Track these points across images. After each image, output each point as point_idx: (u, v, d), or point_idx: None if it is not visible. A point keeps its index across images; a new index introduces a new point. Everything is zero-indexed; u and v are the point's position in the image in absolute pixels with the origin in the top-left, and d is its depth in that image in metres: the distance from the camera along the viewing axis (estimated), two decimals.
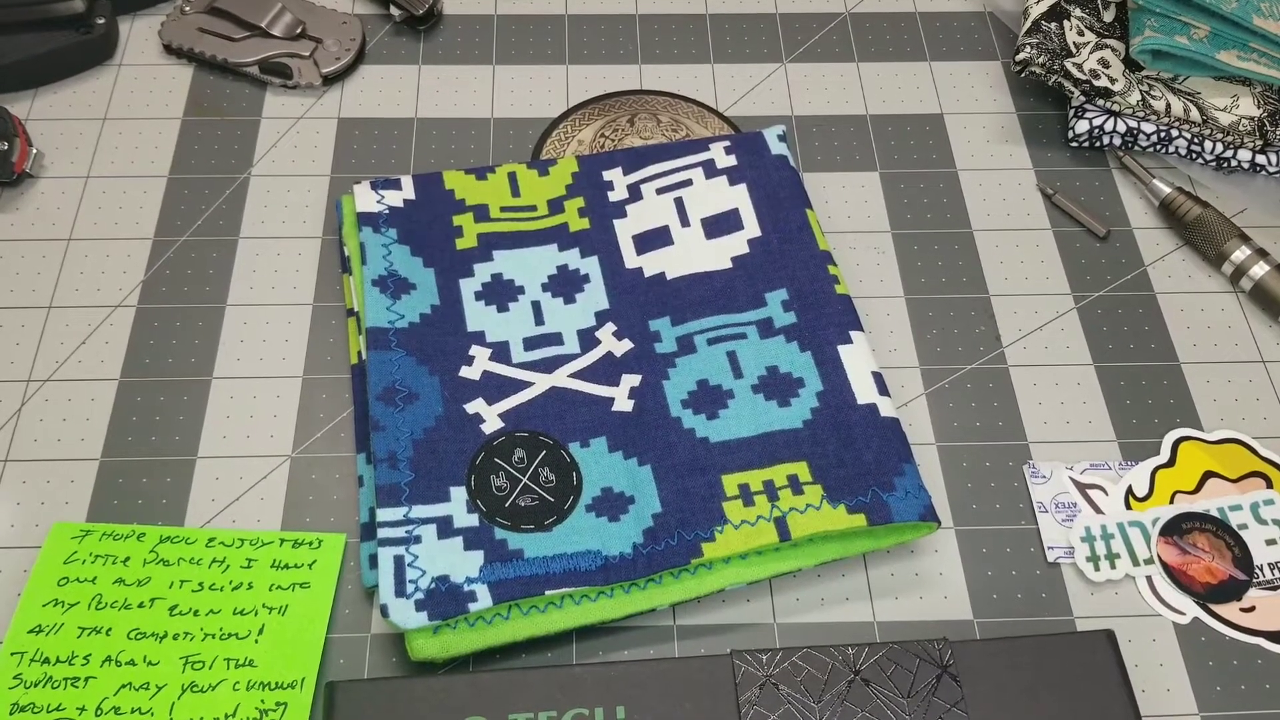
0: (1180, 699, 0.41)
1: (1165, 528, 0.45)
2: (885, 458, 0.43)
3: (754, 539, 0.42)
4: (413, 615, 0.39)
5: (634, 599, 0.41)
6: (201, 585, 0.42)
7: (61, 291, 0.50)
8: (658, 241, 0.50)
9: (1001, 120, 0.58)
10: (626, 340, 0.47)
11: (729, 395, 0.46)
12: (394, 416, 0.44)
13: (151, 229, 0.52)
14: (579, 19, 0.61)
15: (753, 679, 0.38)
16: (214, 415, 0.47)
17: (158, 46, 0.59)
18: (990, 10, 0.62)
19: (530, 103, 0.58)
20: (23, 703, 0.39)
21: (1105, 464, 0.46)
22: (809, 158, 0.56)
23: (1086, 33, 0.56)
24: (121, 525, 0.44)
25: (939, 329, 0.51)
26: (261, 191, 0.54)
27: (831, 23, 0.62)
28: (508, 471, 0.44)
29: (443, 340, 0.47)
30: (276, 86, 0.58)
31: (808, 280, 0.48)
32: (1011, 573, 0.44)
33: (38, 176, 0.54)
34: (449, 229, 0.50)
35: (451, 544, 0.41)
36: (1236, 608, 0.43)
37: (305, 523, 0.44)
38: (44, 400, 0.47)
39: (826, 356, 0.46)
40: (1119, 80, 0.54)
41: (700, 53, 0.60)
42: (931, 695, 0.38)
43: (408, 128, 0.56)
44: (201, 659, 0.41)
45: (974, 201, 0.55)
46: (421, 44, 0.60)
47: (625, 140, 0.56)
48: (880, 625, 0.43)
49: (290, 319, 0.50)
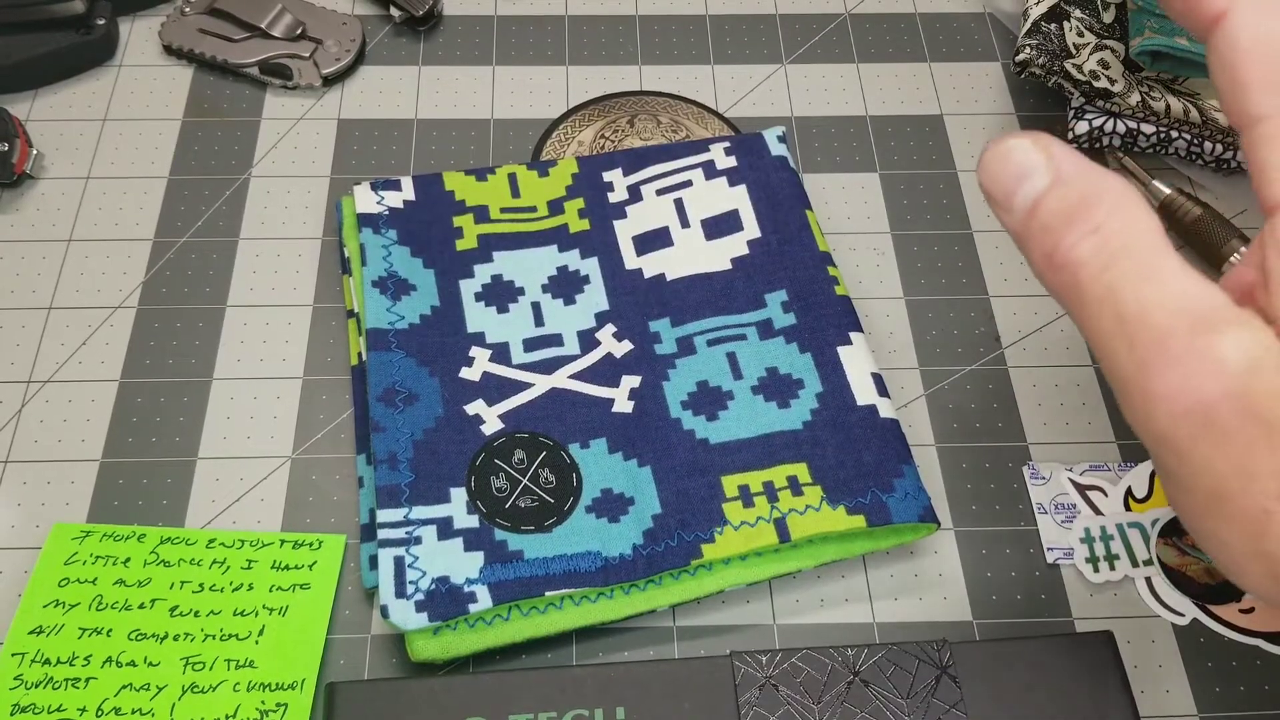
0: (1179, 700, 0.41)
1: (1165, 529, 0.45)
2: (885, 459, 0.44)
3: (754, 540, 0.42)
4: (413, 616, 0.39)
5: (634, 600, 0.41)
6: (202, 586, 0.42)
7: (61, 292, 0.50)
8: (658, 243, 0.50)
9: (1001, 121, 0.58)
10: (626, 341, 0.47)
11: (729, 396, 0.46)
12: (394, 417, 0.44)
13: (151, 230, 0.52)
14: (579, 20, 0.61)
15: (752, 680, 0.38)
16: (214, 416, 0.47)
17: (158, 47, 0.59)
18: (990, 11, 0.62)
19: (530, 104, 0.58)
20: (23, 703, 0.39)
21: (1105, 465, 0.46)
22: (809, 158, 0.56)
23: (1086, 34, 0.56)
24: (122, 526, 0.44)
25: (939, 330, 0.51)
26: (261, 192, 0.54)
27: (831, 24, 0.62)
28: (508, 473, 0.44)
29: (443, 341, 0.47)
30: (276, 87, 0.58)
31: (807, 281, 0.48)
32: (1011, 574, 0.44)
33: (38, 177, 0.54)
34: (449, 230, 0.50)
35: (451, 545, 0.41)
36: (1235, 609, 0.43)
37: (305, 524, 0.45)
38: (44, 401, 0.47)
39: (826, 358, 0.46)
40: (1119, 81, 0.55)
41: (700, 54, 0.60)
42: (931, 696, 0.38)
43: (408, 128, 0.56)
44: (202, 660, 0.41)
45: (974, 202, 0.55)
46: (421, 45, 0.60)
47: (625, 141, 0.56)
48: (880, 626, 0.43)
49: (290, 320, 0.50)
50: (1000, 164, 0.29)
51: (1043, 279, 0.28)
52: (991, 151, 0.29)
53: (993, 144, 0.29)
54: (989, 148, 0.29)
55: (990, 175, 0.29)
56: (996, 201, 0.29)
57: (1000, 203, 0.29)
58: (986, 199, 0.29)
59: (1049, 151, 0.28)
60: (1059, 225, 0.27)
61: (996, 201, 0.29)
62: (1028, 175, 0.28)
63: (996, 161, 0.29)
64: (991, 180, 0.29)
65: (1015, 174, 0.28)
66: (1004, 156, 0.28)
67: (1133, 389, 0.26)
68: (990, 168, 0.29)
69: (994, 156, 0.29)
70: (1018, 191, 0.28)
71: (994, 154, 0.29)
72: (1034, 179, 0.28)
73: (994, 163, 0.29)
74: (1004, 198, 0.29)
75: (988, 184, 0.29)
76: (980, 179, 0.29)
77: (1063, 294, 0.28)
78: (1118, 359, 0.26)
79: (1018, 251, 0.53)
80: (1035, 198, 0.28)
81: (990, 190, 0.29)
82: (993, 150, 0.29)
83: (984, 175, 0.29)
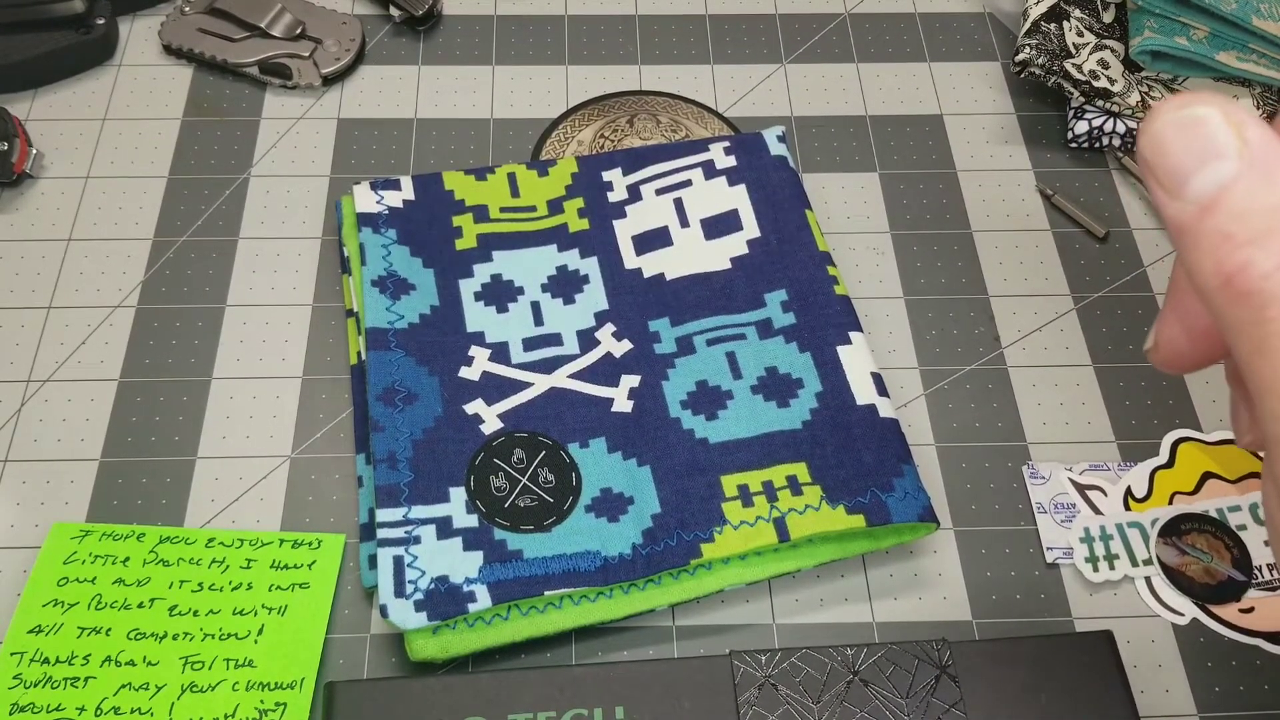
0: (1179, 700, 0.41)
1: (1164, 529, 0.45)
2: (884, 458, 0.43)
3: (753, 540, 0.42)
4: (412, 615, 0.39)
5: (633, 599, 0.41)
6: (201, 585, 0.42)
7: (61, 292, 0.50)
8: (657, 242, 0.50)
9: (1001, 121, 0.58)
10: (626, 341, 0.47)
11: (728, 396, 0.46)
12: (393, 417, 0.44)
13: (151, 229, 0.52)
14: (579, 19, 0.61)
15: (751, 679, 0.38)
16: (214, 416, 0.47)
17: (158, 47, 0.59)
18: (990, 11, 0.62)
19: (530, 103, 0.58)
20: (22, 703, 0.39)
21: (1104, 465, 0.46)
22: (808, 158, 0.56)
23: (1086, 33, 0.56)
24: (121, 525, 0.44)
25: (938, 330, 0.51)
26: (261, 192, 0.54)
27: (831, 23, 0.62)
28: (507, 472, 0.44)
29: (442, 341, 0.47)
30: (276, 87, 0.58)
31: (807, 281, 0.48)
32: (1010, 573, 0.44)
33: (37, 177, 0.54)
34: (448, 229, 0.50)
35: (451, 544, 0.41)
36: (1235, 609, 0.43)
37: (305, 523, 0.45)
38: (44, 400, 0.47)
39: (826, 357, 0.46)
40: (1118, 81, 0.55)
41: (700, 53, 0.60)
42: (930, 696, 0.38)
43: (407, 128, 0.56)
44: (201, 659, 0.41)
45: (973, 202, 0.55)
46: (421, 44, 0.60)
47: (625, 141, 0.56)
48: (879, 626, 0.43)
49: (290, 319, 0.50)
50: (1181, 134, 0.22)
51: (1206, 294, 0.22)
52: (1170, 115, 0.22)
53: (1171, 105, 0.22)
54: (1165, 109, 0.22)
55: (1159, 145, 0.22)
56: (1160, 182, 0.22)
57: (1166, 185, 0.22)
58: (1144, 173, 0.22)
59: (1242, 130, 0.21)
60: (1247, 236, 0.21)
61: (1160, 182, 0.22)
62: (1215, 157, 0.21)
63: (1176, 130, 0.22)
64: (1158, 151, 0.22)
65: (1199, 151, 0.21)
66: (1189, 126, 0.22)
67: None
68: (1162, 135, 0.22)
69: (1174, 123, 0.22)
70: (1196, 174, 0.21)
71: (1174, 120, 0.22)
72: (1222, 163, 0.21)
73: (1171, 130, 0.22)
74: (1173, 180, 0.22)
75: (1152, 156, 0.22)
76: (1143, 148, 0.22)
77: (1235, 327, 0.21)
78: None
79: (1017, 251, 0.53)
80: (1220, 187, 0.21)
81: (1154, 164, 0.22)
82: (1172, 114, 0.22)
83: (1150, 145, 0.22)
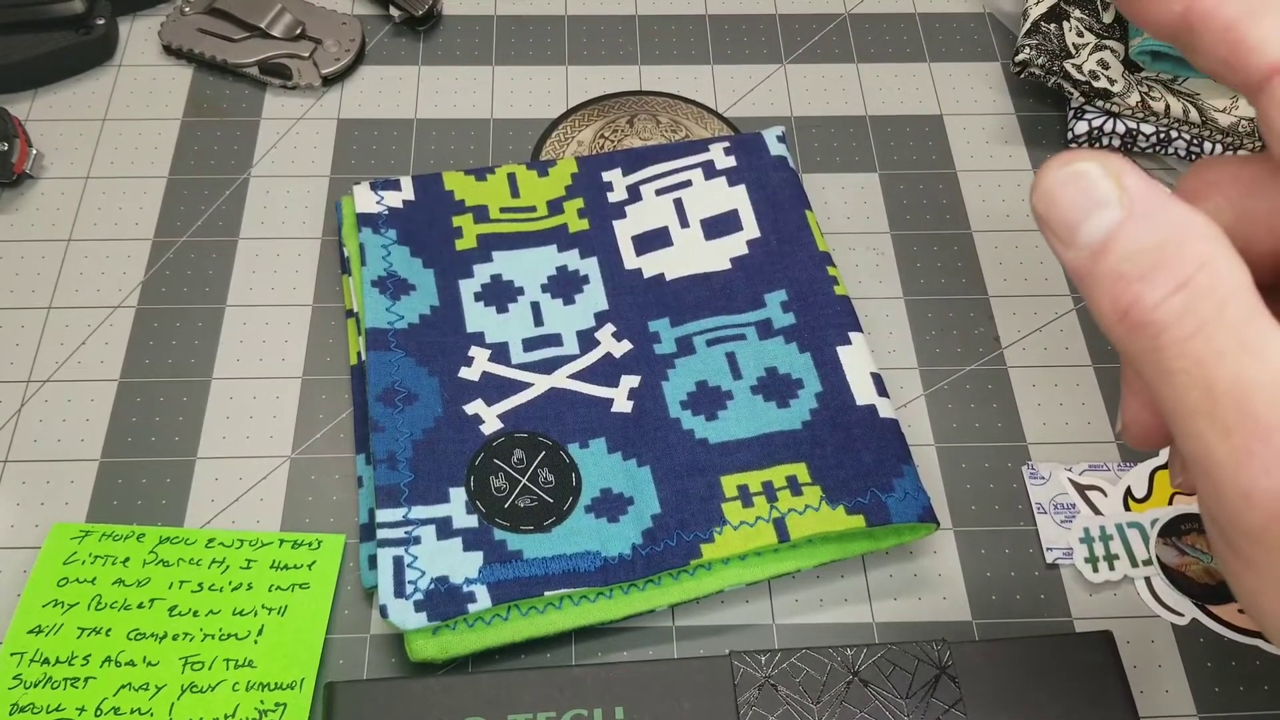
0: (1179, 700, 0.41)
1: (1164, 529, 0.45)
2: (884, 459, 0.43)
3: (753, 540, 0.42)
4: (412, 616, 0.39)
5: (633, 600, 0.41)
6: (201, 586, 0.42)
7: (61, 292, 0.50)
8: (657, 242, 0.50)
9: (1001, 121, 0.58)
10: (626, 341, 0.47)
11: (728, 396, 0.46)
12: (393, 417, 0.44)
13: (151, 229, 0.52)
14: (579, 19, 0.61)
15: (751, 680, 0.38)
16: (213, 416, 0.47)
17: (157, 47, 0.59)
18: (990, 11, 0.62)
19: (530, 103, 0.58)
20: (22, 703, 0.39)
21: (1104, 465, 0.46)
22: (808, 158, 0.56)
23: (1086, 34, 0.56)
24: (121, 526, 0.44)
25: (938, 330, 0.51)
26: (261, 192, 0.54)
27: (831, 24, 0.62)
28: (507, 472, 0.44)
29: (442, 341, 0.47)
30: (276, 87, 0.58)
31: (807, 281, 0.48)
32: (1010, 574, 0.44)
33: (37, 177, 0.54)
34: (448, 230, 0.50)
35: (451, 545, 0.41)
36: (1235, 609, 0.43)
37: (305, 523, 0.45)
38: (44, 401, 0.47)
39: (825, 358, 0.46)
40: (1118, 81, 0.55)
41: (700, 53, 0.60)
42: (930, 696, 0.38)
43: (407, 128, 0.56)
44: (201, 659, 0.41)
45: (973, 202, 0.55)
46: (421, 45, 0.60)
47: (625, 141, 0.56)
48: (879, 626, 0.43)
49: (290, 319, 0.50)
50: (1066, 189, 0.24)
51: (1111, 333, 0.24)
52: (1055, 173, 0.24)
53: (1055, 164, 0.24)
54: (1050, 168, 0.24)
55: (1049, 200, 0.24)
56: (1055, 234, 0.24)
57: (1060, 235, 0.24)
58: (1040, 226, 0.25)
59: (1120, 179, 0.23)
60: (1135, 274, 0.23)
61: (1055, 234, 0.24)
62: (1099, 206, 0.23)
63: (1061, 185, 0.24)
64: (1049, 206, 0.24)
65: (1084, 203, 0.23)
66: (1072, 180, 0.24)
67: (1223, 480, 0.23)
68: (1051, 192, 0.24)
69: (1059, 180, 0.24)
70: (1083, 224, 0.23)
71: (1059, 176, 0.24)
72: (1105, 211, 0.23)
73: (1058, 186, 0.24)
74: (1065, 230, 0.24)
75: (1045, 211, 0.24)
76: (1035, 204, 0.24)
77: (1138, 357, 0.23)
78: (1204, 442, 0.23)
79: (1017, 251, 0.53)
80: (1106, 233, 0.23)
81: (1047, 218, 0.24)
82: (1057, 171, 0.24)
83: (1042, 201, 0.24)
